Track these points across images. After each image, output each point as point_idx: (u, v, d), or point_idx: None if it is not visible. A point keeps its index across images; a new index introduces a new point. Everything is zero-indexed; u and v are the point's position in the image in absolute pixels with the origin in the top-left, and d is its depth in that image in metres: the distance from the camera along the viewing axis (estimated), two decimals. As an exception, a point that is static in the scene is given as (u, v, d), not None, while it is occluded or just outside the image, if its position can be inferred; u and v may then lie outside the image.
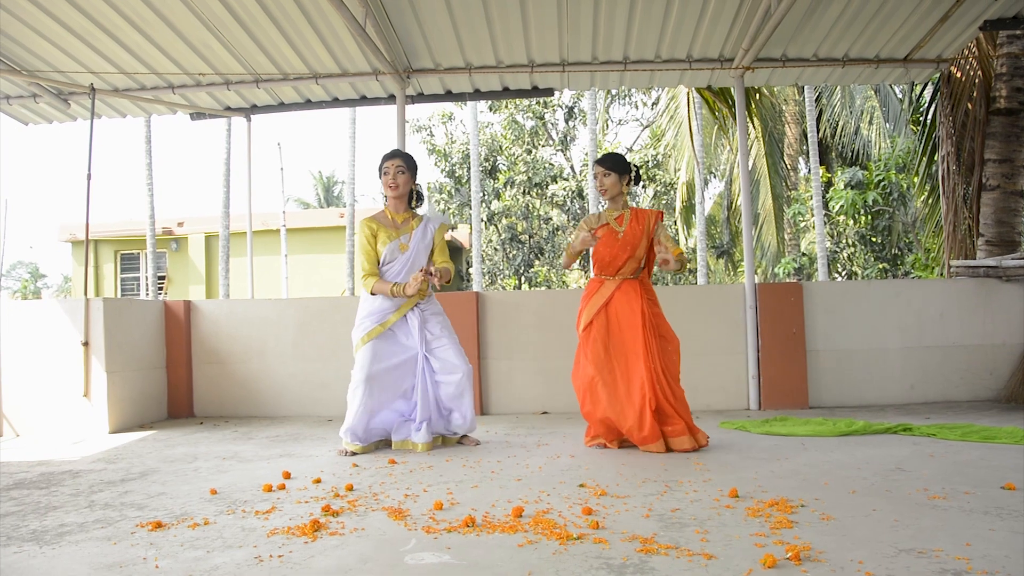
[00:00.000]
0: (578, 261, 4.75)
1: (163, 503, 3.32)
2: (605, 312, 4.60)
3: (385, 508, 3.10)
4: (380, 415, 4.69)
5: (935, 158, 8.38)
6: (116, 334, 5.88)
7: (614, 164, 4.72)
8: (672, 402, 4.38)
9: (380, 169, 4.86)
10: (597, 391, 4.46)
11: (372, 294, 4.71)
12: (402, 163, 4.80)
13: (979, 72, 7.56)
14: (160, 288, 20.87)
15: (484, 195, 19.66)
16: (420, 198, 4.97)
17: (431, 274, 4.55)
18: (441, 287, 4.84)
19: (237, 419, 6.34)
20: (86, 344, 5.74)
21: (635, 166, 4.83)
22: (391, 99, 7.04)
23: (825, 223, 16.68)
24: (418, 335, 4.74)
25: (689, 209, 19.81)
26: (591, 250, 4.81)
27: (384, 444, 4.78)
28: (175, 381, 6.55)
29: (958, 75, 7.63)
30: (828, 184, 18.26)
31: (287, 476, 3.83)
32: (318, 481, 3.70)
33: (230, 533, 2.79)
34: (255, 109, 7.41)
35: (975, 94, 7.56)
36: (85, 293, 6.05)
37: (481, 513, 2.96)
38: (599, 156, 4.85)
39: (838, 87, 18.95)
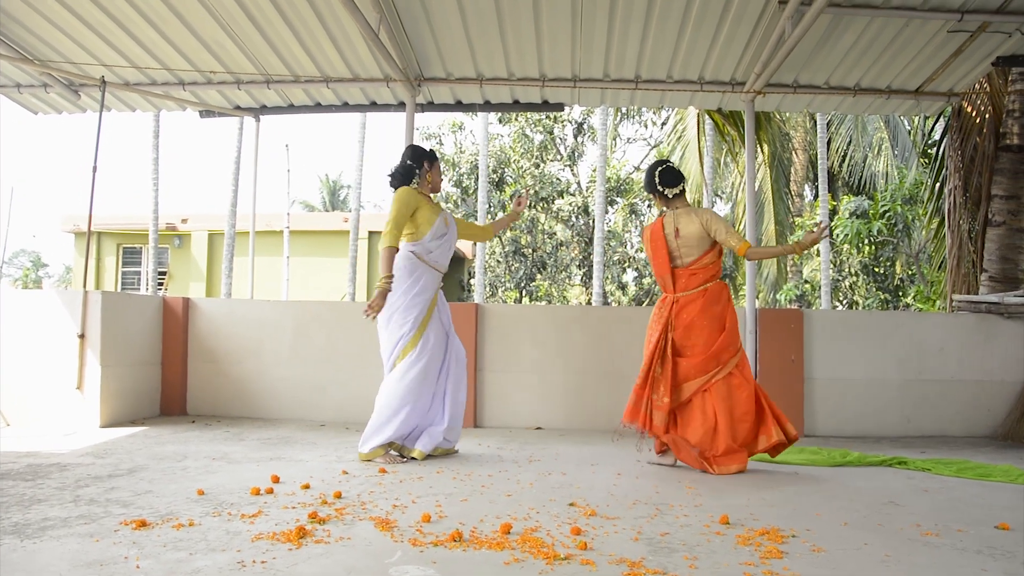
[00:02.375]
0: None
1: (149, 501, 3.29)
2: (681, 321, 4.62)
3: (372, 518, 3.07)
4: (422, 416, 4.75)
5: (943, 191, 8.37)
6: (113, 328, 5.86)
7: None
8: None
9: (435, 163, 4.95)
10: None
11: (383, 259, 4.64)
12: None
13: (990, 108, 7.56)
14: (160, 284, 20.85)
15: (490, 207, 19.66)
16: None
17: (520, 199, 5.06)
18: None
19: (229, 419, 6.31)
20: (82, 336, 5.71)
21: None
22: (401, 106, 7.03)
23: (829, 251, 16.65)
24: (444, 318, 4.84)
25: (693, 230, 19.75)
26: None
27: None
28: (169, 378, 6.52)
29: (969, 110, 7.63)
30: (833, 212, 18.25)
31: (276, 480, 3.80)
32: (307, 487, 3.67)
33: (214, 536, 2.76)
34: (264, 109, 7.41)
35: (985, 129, 7.55)
36: (84, 285, 6.04)
37: (469, 528, 2.93)
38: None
39: (848, 116, 19.00)
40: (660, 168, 4.71)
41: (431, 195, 4.93)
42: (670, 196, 4.67)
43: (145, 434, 5.39)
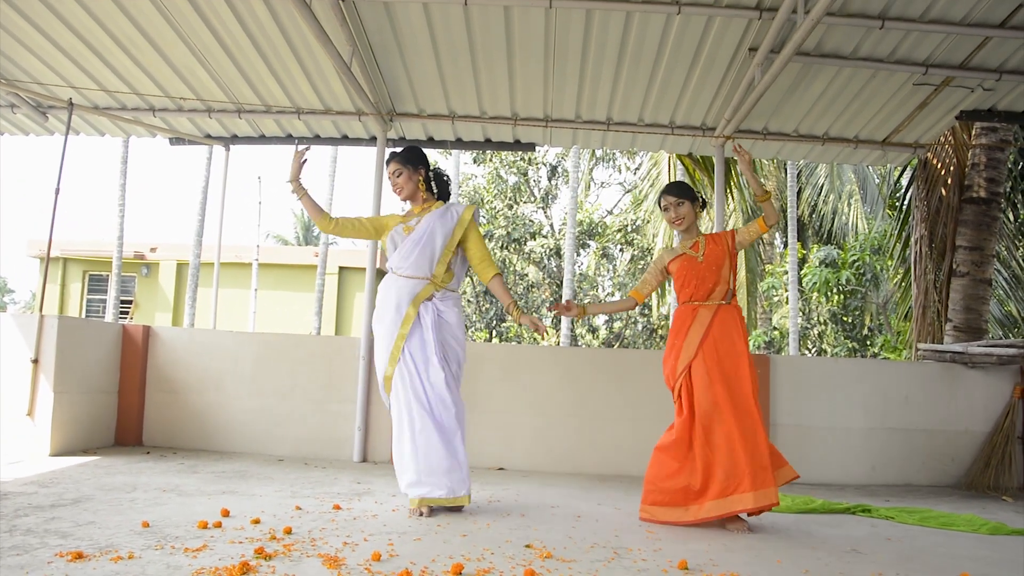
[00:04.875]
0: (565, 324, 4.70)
1: (89, 533, 3.16)
2: (703, 349, 4.10)
3: (321, 555, 2.97)
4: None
5: (910, 242, 8.48)
6: (68, 354, 5.71)
7: (684, 191, 4.36)
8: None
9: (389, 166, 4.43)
10: (678, 450, 4.05)
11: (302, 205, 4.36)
12: (398, 164, 4.36)
13: (954, 160, 7.69)
14: (124, 313, 20.53)
15: (462, 246, 19.61)
16: (440, 182, 4.53)
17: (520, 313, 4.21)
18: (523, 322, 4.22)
19: (185, 451, 6.15)
20: (35, 361, 5.56)
21: (700, 193, 4.40)
22: (372, 141, 7.01)
23: (798, 299, 16.79)
24: (433, 338, 4.18)
25: (665, 275, 19.84)
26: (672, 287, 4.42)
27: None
28: (126, 407, 6.35)
29: (934, 161, 7.76)
30: (802, 261, 18.44)
31: (225, 514, 3.67)
32: (257, 521, 3.55)
33: (153, 570, 2.65)
34: (235, 139, 7.35)
35: (950, 181, 7.67)
36: (41, 309, 5.90)
37: (419, 567, 2.84)
38: (665, 186, 4.47)
39: (818, 166, 19.31)
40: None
41: (412, 203, 4.42)
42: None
43: (96, 464, 5.23)
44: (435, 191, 4.51)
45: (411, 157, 4.42)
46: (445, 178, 4.59)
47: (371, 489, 4.72)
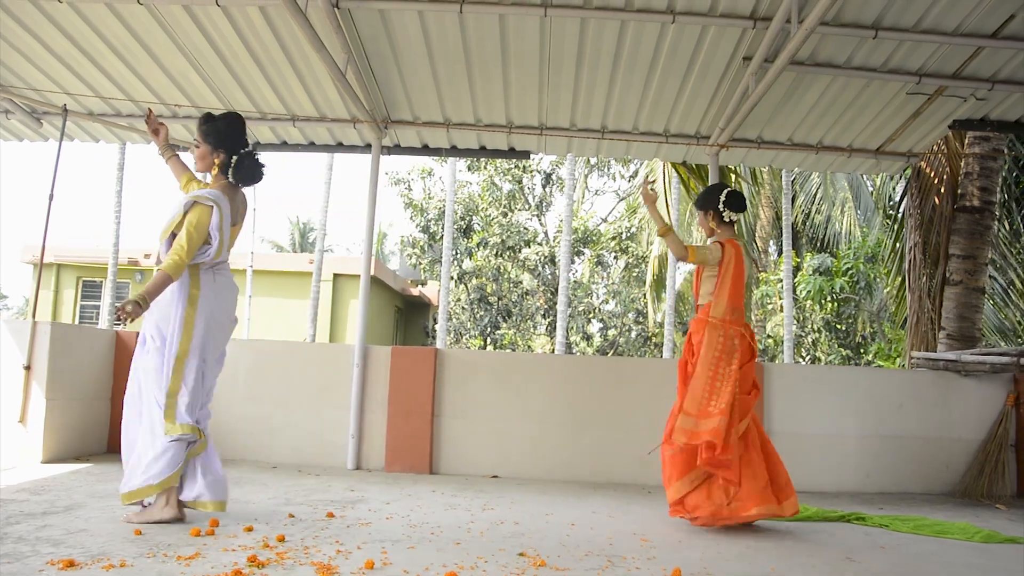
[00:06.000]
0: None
1: (81, 540, 3.15)
2: None
3: (314, 563, 2.96)
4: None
5: (904, 250, 8.51)
6: (61, 360, 5.69)
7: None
8: None
9: None
10: None
11: None
12: (200, 135, 3.86)
13: (947, 169, 7.73)
14: (119, 319, 20.46)
15: (456, 253, 19.64)
16: (247, 167, 3.91)
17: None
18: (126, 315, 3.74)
19: (178, 459, 6.12)
20: (28, 368, 5.54)
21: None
22: (367, 148, 7.00)
23: (792, 307, 16.81)
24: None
25: (659, 282, 19.91)
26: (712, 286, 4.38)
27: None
28: (119, 414, 6.26)
29: (927, 170, 7.79)
30: (796, 269, 18.48)
31: (216, 523, 3.66)
32: (250, 529, 3.55)
33: (145, 578, 2.64)
34: (230, 146, 7.33)
35: (943, 190, 7.71)
36: (34, 315, 5.88)
37: None
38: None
39: (813, 173, 19.37)
40: (729, 190, 4.47)
41: (211, 181, 4.00)
42: (727, 220, 4.44)
43: (88, 471, 5.21)
44: (230, 178, 3.91)
45: (214, 132, 3.85)
46: (260, 166, 3.99)
47: (365, 497, 4.71)
